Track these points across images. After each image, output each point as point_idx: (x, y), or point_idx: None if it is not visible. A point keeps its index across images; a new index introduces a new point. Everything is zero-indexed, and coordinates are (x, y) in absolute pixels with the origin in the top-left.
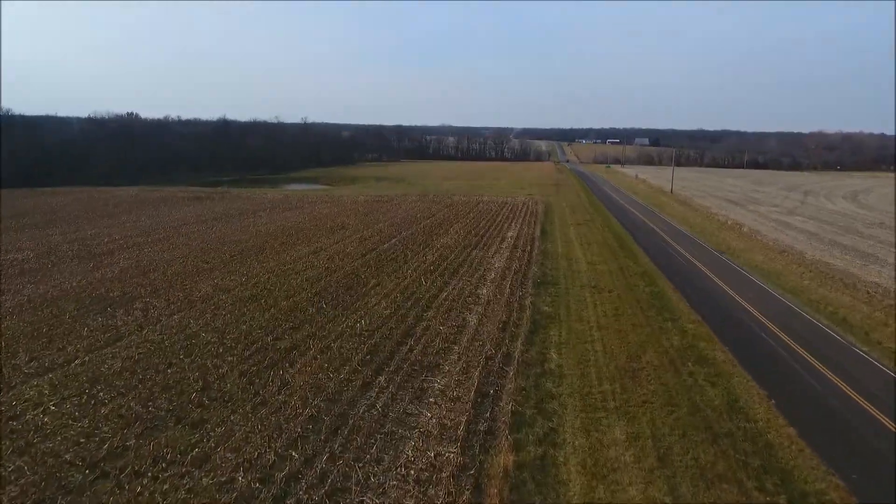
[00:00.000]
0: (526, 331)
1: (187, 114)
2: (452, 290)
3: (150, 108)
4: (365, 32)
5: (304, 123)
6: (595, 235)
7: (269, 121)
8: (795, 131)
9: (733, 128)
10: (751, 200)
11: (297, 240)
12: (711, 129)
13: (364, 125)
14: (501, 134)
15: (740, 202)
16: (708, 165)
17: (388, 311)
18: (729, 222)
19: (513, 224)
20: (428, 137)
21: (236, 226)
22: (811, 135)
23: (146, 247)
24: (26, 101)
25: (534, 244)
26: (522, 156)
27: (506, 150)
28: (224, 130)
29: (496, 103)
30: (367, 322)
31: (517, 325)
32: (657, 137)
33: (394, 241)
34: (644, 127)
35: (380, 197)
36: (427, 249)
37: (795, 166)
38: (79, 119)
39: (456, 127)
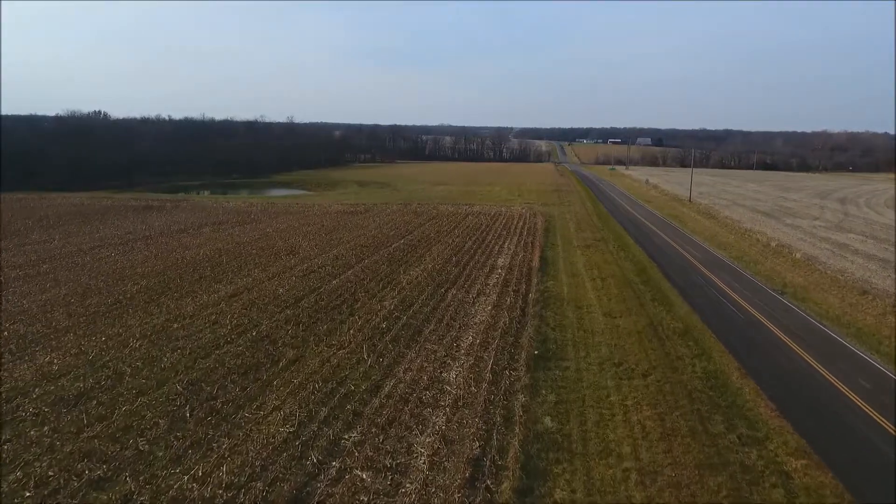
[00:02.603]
0: (512, 489)
1: (178, 114)
2: (405, 373)
3: (144, 109)
4: (364, 32)
5: (291, 123)
6: (610, 265)
7: (256, 119)
8: (799, 131)
9: (735, 127)
10: (784, 211)
11: (221, 273)
12: (713, 128)
13: (360, 125)
14: (500, 134)
15: (773, 214)
16: (714, 166)
17: (288, 431)
18: (773, 244)
19: (506, 245)
20: (424, 137)
21: (161, 248)
22: (816, 135)
23: (12, 285)
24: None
25: (531, 281)
26: (522, 156)
27: (504, 150)
28: (202, 130)
29: (495, 103)
30: (238, 464)
31: (497, 471)
32: (659, 137)
33: (349, 273)
34: (645, 126)
35: (355, 206)
36: (388, 289)
37: (805, 167)
38: (46, 118)
39: (455, 127)
